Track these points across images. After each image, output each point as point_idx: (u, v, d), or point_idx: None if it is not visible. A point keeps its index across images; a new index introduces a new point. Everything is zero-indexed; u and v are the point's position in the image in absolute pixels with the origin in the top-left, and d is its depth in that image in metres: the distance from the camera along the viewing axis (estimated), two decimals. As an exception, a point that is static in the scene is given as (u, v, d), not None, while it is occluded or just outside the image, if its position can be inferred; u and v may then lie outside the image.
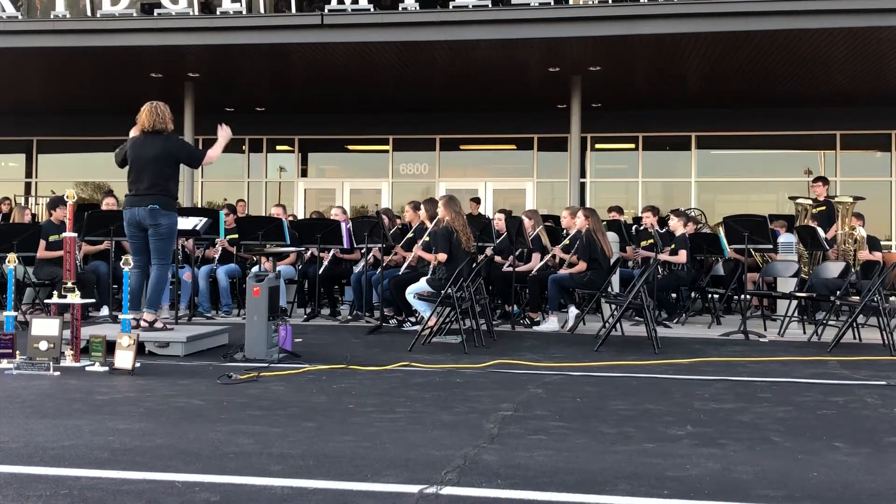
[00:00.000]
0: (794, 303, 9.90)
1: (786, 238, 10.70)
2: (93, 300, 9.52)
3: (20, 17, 13.50)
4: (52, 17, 13.21)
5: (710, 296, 11.40)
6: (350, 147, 19.48)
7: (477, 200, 16.54)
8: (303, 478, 3.75)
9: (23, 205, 15.99)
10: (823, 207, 11.79)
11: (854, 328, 8.79)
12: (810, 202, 12.10)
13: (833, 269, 10.07)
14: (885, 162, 17.68)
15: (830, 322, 9.33)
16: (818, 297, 9.75)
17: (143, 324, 7.50)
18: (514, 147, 18.88)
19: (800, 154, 17.99)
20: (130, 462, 3.99)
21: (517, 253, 10.54)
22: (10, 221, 11.86)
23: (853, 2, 11.58)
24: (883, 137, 17.52)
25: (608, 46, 12.89)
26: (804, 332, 9.62)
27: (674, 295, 11.28)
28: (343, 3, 12.57)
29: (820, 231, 10.81)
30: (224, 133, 7.85)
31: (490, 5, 12.36)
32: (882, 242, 12.84)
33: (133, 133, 7.71)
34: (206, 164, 8.02)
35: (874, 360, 7.74)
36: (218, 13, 13.01)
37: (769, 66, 13.79)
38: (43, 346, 6.54)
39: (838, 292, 9.21)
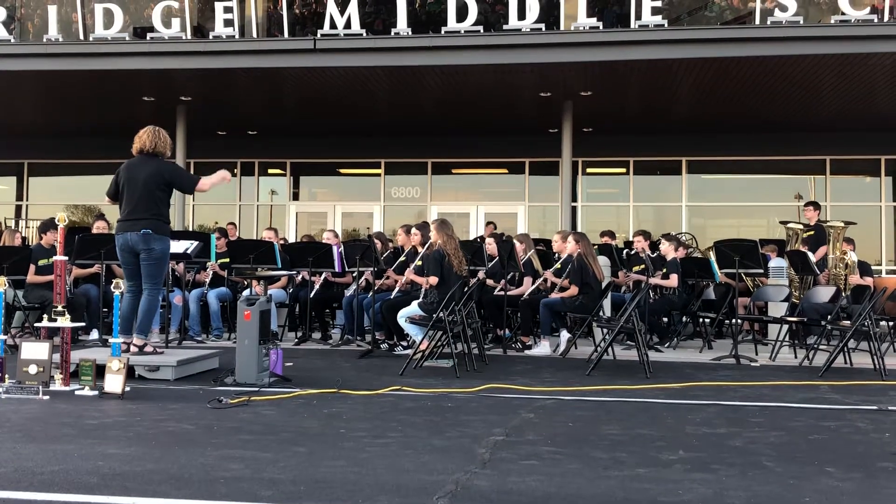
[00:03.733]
0: (785, 327, 9.92)
1: (776, 263, 10.73)
2: (83, 324, 9.48)
3: (12, 39, 13.52)
4: (44, 40, 13.23)
5: (701, 320, 11.41)
6: (342, 170, 19.49)
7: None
8: (294, 503, 3.73)
9: (13, 228, 15.95)
10: (812, 232, 11.84)
11: (845, 353, 8.80)
12: (801, 227, 12.15)
13: (824, 293, 10.10)
14: (874, 187, 17.77)
15: (821, 346, 9.34)
16: (809, 321, 9.77)
17: (132, 348, 7.47)
18: (505, 171, 18.93)
19: (790, 179, 18.09)
20: (120, 487, 3.96)
21: (509, 277, 10.55)
22: (1, 244, 11.81)
23: (842, 29, 11.68)
24: (872, 163, 17.62)
25: (600, 72, 12.97)
26: (795, 357, 9.63)
27: (665, 319, 11.29)
28: (335, 27, 12.61)
29: (811, 255, 10.85)
30: (223, 175, 7.79)
31: (482, 31, 12.43)
32: (872, 267, 12.89)
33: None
34: (198, 192, 7.94)
35: (865, 384, 7.75)
36: (210, 37, 13.05)
37: (759, 92, 13.89)
38: (32, 369, 6.50)
39: (829, 317, 9.23)
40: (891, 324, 11.03)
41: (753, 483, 4.19)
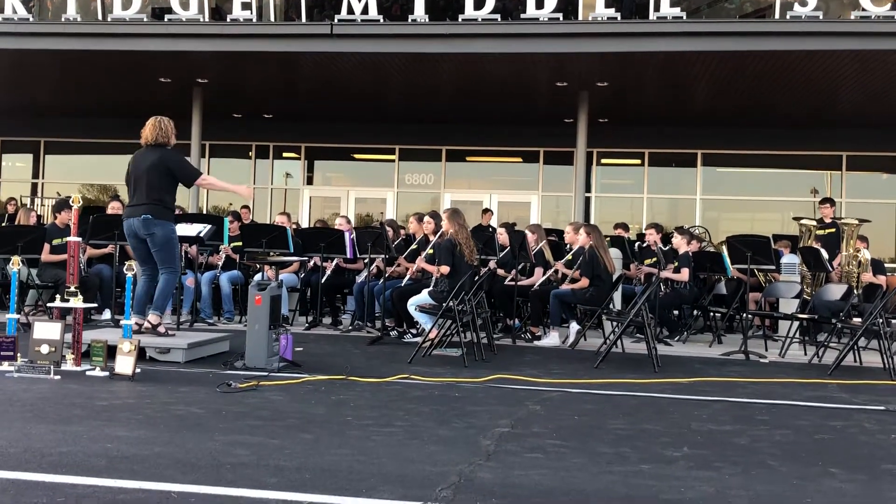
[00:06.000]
0: (796, 324, 9.90)
1: (789, 259, 10.70)
2: (95, 304, 9.55)
3: (31, 18, 13.56)
4: (63, 19, 13.28)
5: (711, 314, 11.39)
6: (356, 156, 19.52)
7: (490, 212, 16.57)
8: (298, 491, 3.76)
9: (28, 206, 16.05)
10: (833, 230, 11.76)
11: (855, 351, 8.78)
12: (814, 223, 12.10)
13: (835, 291, 10.06)
14: (891, 184, 17.68)
15: (831, 344, 9.32)
16: (820, 318, 9.74)
17: (146, 325, 7.53)
18: (520, 160, 18.90)
19: (805, 174, 17.99)
20: (128, 470, 4.00)
21: (520, 267, 10.55)
22: (16, 223, 11.91)
23: (861, 25, 11.61)
24: (889, 160, 17.52)
25: (616, 63, 12.93)
26: (805, 354, 9.61)
27: (675, 312, 11.28)
28: (353, 13, 12.62)
29: (823, 252, 10.81)
30: (243, 190, 8.33)
31: (499, 19, 12.41)
32: (886, 265, 12.83)
33: None
34: (200, 185, 8.03)
35: (874, 384, 7.73)
36: (228, 20, 13.07)
37: (776, 86, 13.82)
38: (44, 349, 6.56)
39: (840, 314, 9.20)
40: (902, 323, 10.98)
41: (756, 482, 4.20)
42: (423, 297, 9.07)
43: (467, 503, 3.68)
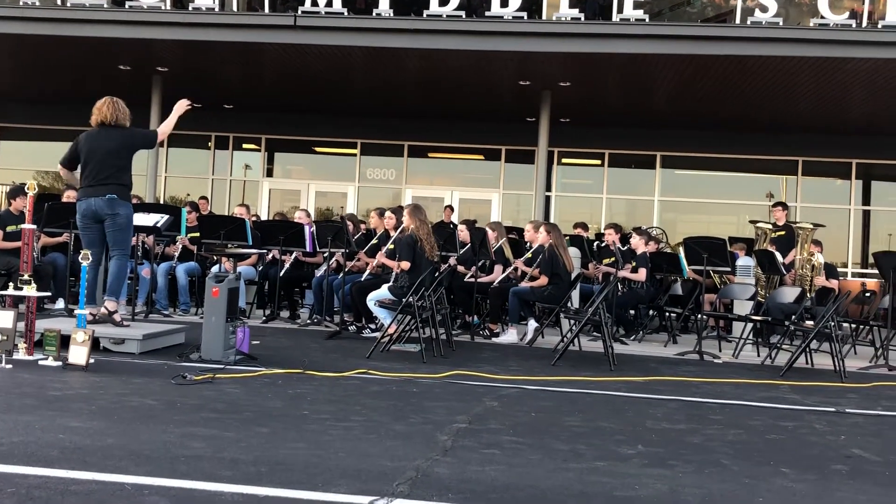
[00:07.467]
0: (750, 325, 10.04)
1: (744, 261, 10.84)
2: (49, 293, 9.40)
3: (-12, 1, 13.34)
4: (21, 3, 13.05)
5: (667, 314, 11.51)
6: (317, 149, 19.42)
7: (450, 208, 16.66)
8: (254, 484, 3.73)
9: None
10: (783, 232, 11.98)
11: (807, 353, 8.91)
12: (769, 227, 12.29)
13: (789, 293, 10.22)
14: (844, 190, 17.99)
15: (784, 346, 9.47)
16: (773, 320, 9.88)
17: (102, 311, 7.45)
18: (481, 157, 18.95)
19: (762, 178, 18.25)
20: (80, 461, 3.95)
21: (480, 264, 10.58)
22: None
23: (821, 32, 11.80)
24: (844, 166, 17.83)
25: (579, 63, 13.02)
26: (758, 355, 9.75)
27: (632, 312, 11.38)
28: (317, 4, 12.57)
29: (778, 255, 10.98)
30: (178, 110, 8.02)
31: (463, 16, 12.42)
32: (838, 269, 13.05)
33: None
34: (162, 139, 8.03)
35: (825, 385, 7.86)
36: (190, 8, 12.93)
37: (736, 91, 14.00)
38: (-4, 338, 6.44)
39: (793, 317, 9.35)
40: (852, 326, 11.19)
41: (709, 481, 4.25)
42: (383, 292, 9.06)
43: (424, 498, 3.68)
